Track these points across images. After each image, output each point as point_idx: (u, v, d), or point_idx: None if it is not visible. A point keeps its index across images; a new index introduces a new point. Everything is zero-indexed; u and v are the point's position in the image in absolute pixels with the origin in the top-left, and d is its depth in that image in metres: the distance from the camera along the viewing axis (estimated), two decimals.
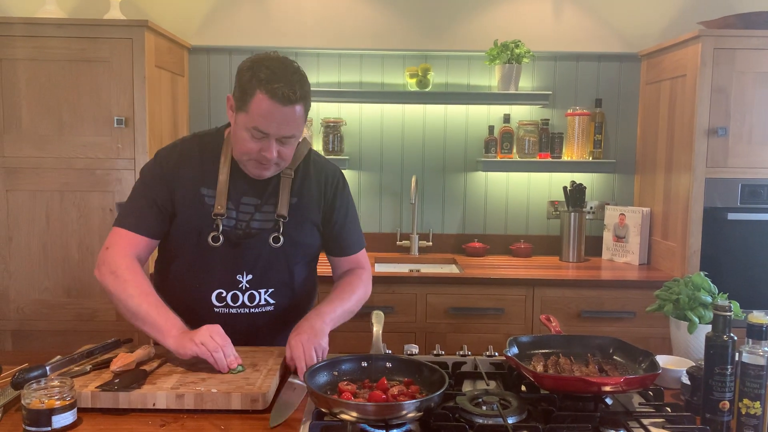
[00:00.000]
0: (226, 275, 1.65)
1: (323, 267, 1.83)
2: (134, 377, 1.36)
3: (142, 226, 1.62)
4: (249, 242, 1.64)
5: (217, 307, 1.65)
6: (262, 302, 1.68)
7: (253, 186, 1.65)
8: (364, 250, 1.84)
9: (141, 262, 1.62)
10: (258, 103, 1.49)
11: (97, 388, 1.32)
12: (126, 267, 1.56)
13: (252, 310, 1.67)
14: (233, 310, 1.66)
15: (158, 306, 1.52)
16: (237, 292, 1.66)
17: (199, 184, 1.64)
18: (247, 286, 1.66)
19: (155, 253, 1.75)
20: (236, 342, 1.50)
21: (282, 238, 1.64)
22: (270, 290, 1.68)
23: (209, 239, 1.61)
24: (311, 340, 1.49)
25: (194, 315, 1.59)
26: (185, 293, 1.67)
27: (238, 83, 1.54)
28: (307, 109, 1.56)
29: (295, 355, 1.46)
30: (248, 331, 1.67)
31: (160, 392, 1.32)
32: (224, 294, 1.65)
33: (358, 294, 1.74)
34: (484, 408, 1.29)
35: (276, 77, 1.48)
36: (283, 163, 1.61)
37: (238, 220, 1.65)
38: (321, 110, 3.29)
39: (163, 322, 1.49)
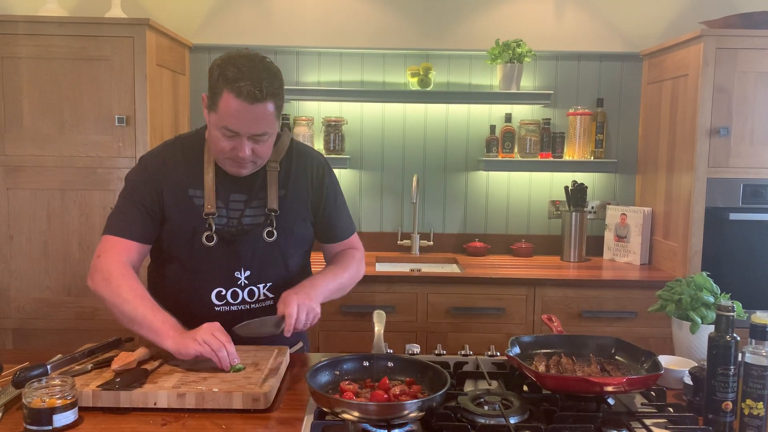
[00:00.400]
0: (224, 273, 1.65)
1: (320, 265, 1.83)
2: (135, 376, 1.36)
3: (132, 232, 1.61)
4: (243, 239, 1.63)
5: (218, 306, 1.65)
6: (262, 297, 1.68)
7: (241, 182, 1.65)
8: (355, 234, 1.85)
9: (134, 269, 1.60)
10: (226, 102, 1.48)
11: (98, 387, 1.32)
12: (119, 273, 1.55)
13: (252, 306, 1.67)
14: (234, 308, 1.66)
15: (154, 309, 1.51)
16: (236, 289, 1.65)
17: (186, 186, 1.63)
18: (246, 282, 1.66)
19: (147, 261, 1.73)
20: (238, 340, 1.50)
21: (275, 232, 1.64)
22: (268, 284, 1.68)
23: (203, 239, 1.61)
24: (305, 302, 1.53)
25: (194, 316, 1.57)
26: (184, 295, 1.66)
27: (209, 82, 1.53)
28: (278, 105, 1.53)
29: (289, 311, 1.49)
30: None
31: (162, 391, 1.31)
32: (224, 292, 1.65)
33: (350, 272, 1.76)
34: (486, 408, 1.29)
35: (243, 75, 1.46)
36: (260, 160, 1.60)
37: (229, 217, 1.64)
38: (322, 109, 3.28)
39: (159, 324, 1.48)
